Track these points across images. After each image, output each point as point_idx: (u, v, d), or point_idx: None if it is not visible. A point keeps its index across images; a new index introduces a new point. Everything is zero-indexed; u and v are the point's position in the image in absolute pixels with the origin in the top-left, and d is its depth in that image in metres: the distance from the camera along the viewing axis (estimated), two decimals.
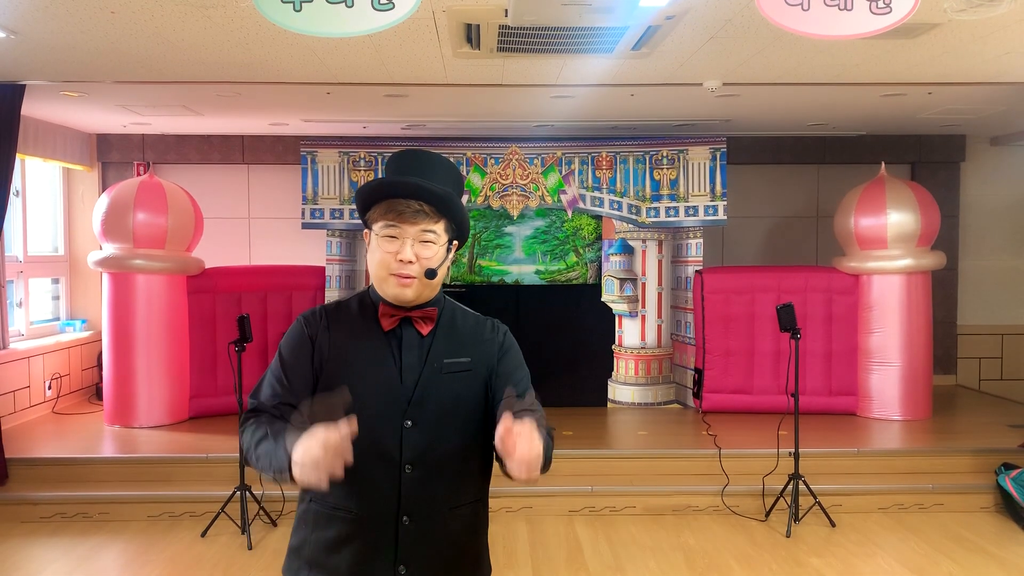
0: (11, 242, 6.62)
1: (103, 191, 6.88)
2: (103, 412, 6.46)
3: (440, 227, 1.86)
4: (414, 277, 1.82)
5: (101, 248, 6.45)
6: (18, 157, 5.73)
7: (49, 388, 6.87)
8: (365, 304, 1.93)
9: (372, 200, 1.87)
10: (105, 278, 6.37)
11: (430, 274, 1.83)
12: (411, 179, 1.82)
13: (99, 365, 7.25)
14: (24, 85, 5.25)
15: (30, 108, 5.91)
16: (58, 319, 7.46)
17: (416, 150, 1.94)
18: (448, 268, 1.93)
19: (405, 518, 1.82)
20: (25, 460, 5.45)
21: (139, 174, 7.04)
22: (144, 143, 7.58)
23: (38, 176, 7.20)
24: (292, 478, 1.63)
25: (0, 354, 5.89)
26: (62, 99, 5.79)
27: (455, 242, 1.92)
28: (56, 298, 7.52)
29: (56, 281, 7.49)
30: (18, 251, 6.76)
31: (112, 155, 7.60)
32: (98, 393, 7.18)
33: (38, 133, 6.62)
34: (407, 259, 1.81)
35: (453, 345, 1.91)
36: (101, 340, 6.72)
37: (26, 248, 6.87)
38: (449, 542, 1.88)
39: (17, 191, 6.64)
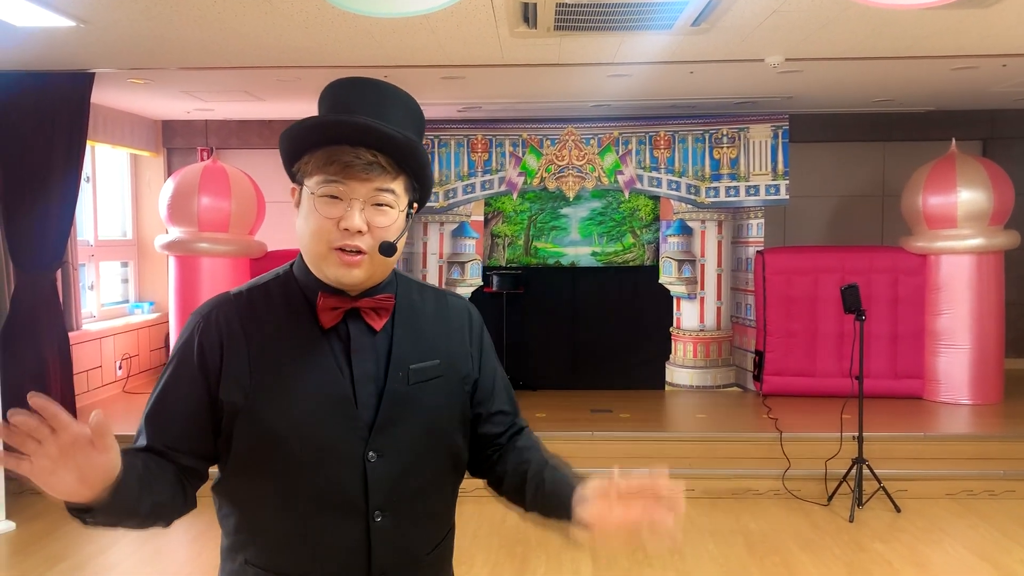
0: (82, 227, 6.83)
1: (168, 176, 7.05)
2: None
3: (399, 185, 1.37)
4: (364, 252, 1.34)
5: (167, 232, 6.62)
6: (88, 144, 5.90)
7: (120, 368, 7.09)
8: (291, 291, 1.41)
9: (306, 145, 1.37)
10: (171, 261, 6.54)
11: (387, 249, 1.35)
12: (361, 119, 1.33)
13: (166, 346, 7.46)
14: (93, 73, 5.40)
15: (99, 96, 6.07)
16: (127, 301, 7.69)
17: (364, 78, 1.41)
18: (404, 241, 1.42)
19: None
20: None
21: (203, 159, 7.19)
22: (207, 129, 7.74)
23: (107, 162, 7.41)
24: (72, 509, 1.20)
25: (73, 335, 6.10)
26: (129, 86, 5.94)
27: (415, 205, 1.43)
28: (125, 281, 7.75)
29: (125, 264, 7.71)
30: (89, 235, 6.98)
31: (177, 141, 7.77)
32: None
33: (107, 120, 6.81)
34: (355, 228, 1.32)
35: (418, 343, 1.44)
36: (168, 321, 6.91)
37: (97, 232, 7.08)
38: None
39: (88, 177, 6.84)
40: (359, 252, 1.34)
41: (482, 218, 7.24)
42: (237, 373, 1.34)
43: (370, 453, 1.36)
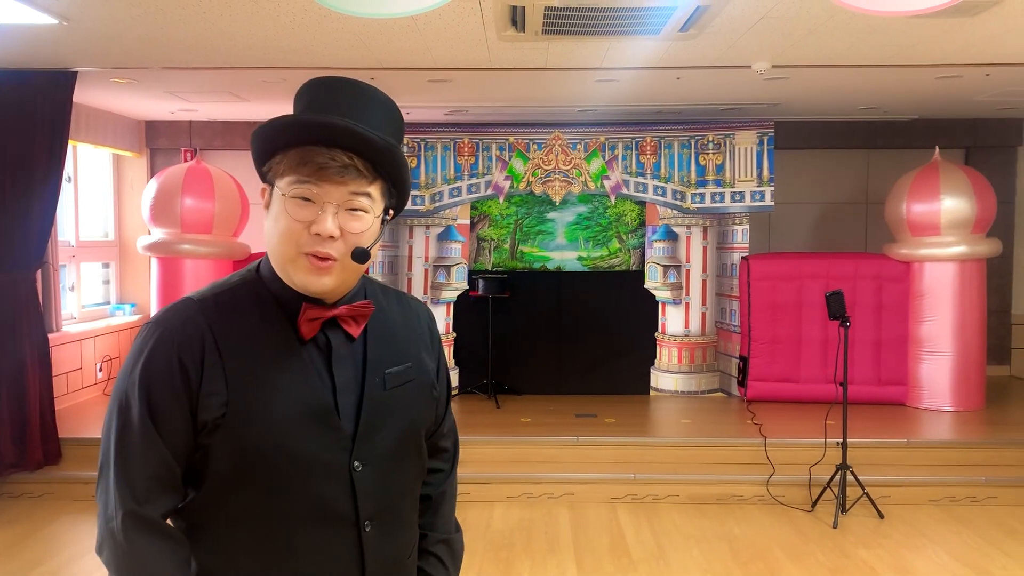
0: (63, 227, 6.75)
1: (151, 177, 6.99)
2: None
3: (376, 190, 1.33)
4: (335, 259, 1.29)
5: (150, 233, 6.56)
6: (70, 143, 5.83)
7: (100, 370, 7.02)
8: (262, 297, 1.34)
9: (278, 144, 1.32)
10: (154, 263, 6.49)
11: (360, 256, 1.30)
12: (337, 119, 1.27)
13: None
14: (76, 72, 5.34)
15: (81, 95, 6.01)
16: (108, 303, 7.61)
17: (343, 78, 1.36)
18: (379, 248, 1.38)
19: None
20: (78, 440, 5.58)
21: (186, 160, 7.14)
22: (191, 129, 7.68)
23: (89, 162, 7.33)
24: None
25: (53, 337, 6.02)
26: (112, 86, 5.88)
27: (391, 211, 1.38)
28: (107, 282, 7.67)
29: (107, 265, 7.63)
30: (70, 236, 6.89)
31: (160, 141, 7.70)
32: None
33: (89, 120, 6.74)
34: (328, 232, 1.27)
35: (390, 347, 1.42)
36: None
37: (78, 233, 7.00)
38: None
39: (69, 177, 6.77)
40: (330, 258, 1.29)
41: (468, 222, 7.22)
42: (215, 388, 1.26)
43: (355, 463, 1.33)
